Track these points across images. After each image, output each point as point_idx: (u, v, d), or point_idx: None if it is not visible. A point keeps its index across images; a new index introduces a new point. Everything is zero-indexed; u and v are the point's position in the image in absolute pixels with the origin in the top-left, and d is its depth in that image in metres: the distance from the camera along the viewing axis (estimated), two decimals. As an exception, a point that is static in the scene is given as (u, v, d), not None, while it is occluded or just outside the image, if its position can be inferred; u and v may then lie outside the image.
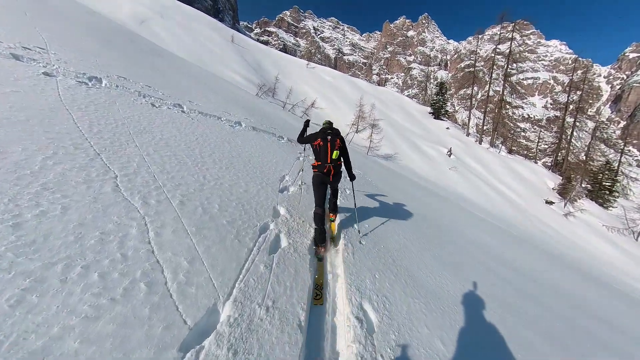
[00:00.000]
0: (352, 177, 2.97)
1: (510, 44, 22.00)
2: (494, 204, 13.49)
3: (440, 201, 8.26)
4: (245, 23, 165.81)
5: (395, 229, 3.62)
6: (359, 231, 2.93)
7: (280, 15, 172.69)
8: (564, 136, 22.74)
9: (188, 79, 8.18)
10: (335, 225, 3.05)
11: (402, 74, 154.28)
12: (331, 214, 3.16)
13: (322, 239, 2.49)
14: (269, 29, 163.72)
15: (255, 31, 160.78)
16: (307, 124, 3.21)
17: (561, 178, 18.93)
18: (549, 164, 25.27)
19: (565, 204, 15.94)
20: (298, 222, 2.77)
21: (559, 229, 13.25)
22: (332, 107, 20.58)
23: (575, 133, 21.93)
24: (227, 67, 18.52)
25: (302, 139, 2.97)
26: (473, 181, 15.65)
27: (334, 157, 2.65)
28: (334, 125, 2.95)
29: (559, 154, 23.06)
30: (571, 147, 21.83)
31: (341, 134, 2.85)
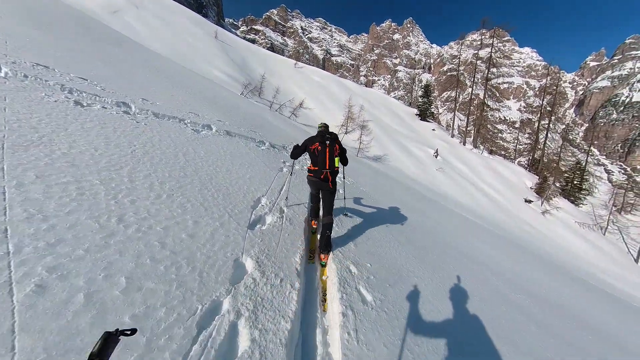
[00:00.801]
0: (344, 162, 2.87)
1: (491, 49, 23.05)
2: (481, 205, 13.87)
3: (439, 211, 8.11)
4: (230, 20, 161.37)
5: (389, 242, 3.35)
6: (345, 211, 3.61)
7: (268, 13, 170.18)
8: (539, 137, 24.20)
9: (150, 73, 7.08)
10: (326, 272, 2.21)
11: (389, 76, 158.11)
12: (322, 255, 2.33)
13: (315, 214, 2.83)
14: (255, 27, 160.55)
15: (241, 29, 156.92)
16: (293, 150, 2.97)
17: (537, 177, 20.06)
18: (524, 164, 26.81)
19: (542, 202, 16.83)
20: (273, 288, 1.70)
21: (539, 228, 13.90)
22: (320, 108, 20.30)
23: (549, 135, 23.40)
24: (210, 64, 17.61)
25: (296, 152, 2.70)
26: (459, 182, 16.05)
27: (335, 164, 2.51)
28: (322, 124, 2.77)
29: (535, 154, 24.50)
30: (545, 148, 23.27)
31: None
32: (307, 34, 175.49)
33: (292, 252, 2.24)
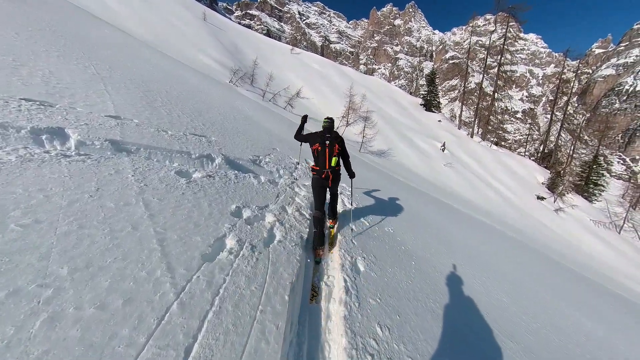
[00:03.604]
0: (351, 175, 2.87)
1: (506, 31, 21.18)
2: (493, 204, 12.84)
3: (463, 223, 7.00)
4: (224, 4, 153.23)
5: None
6: (352, 230, 2.82)
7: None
8: (551, 128, 22.91)
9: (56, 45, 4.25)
10: (334, 232, 2.79)
11: (389, 64, 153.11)
12: (330, 221, 2.87)
13: (320, 242, 2.48)
14: (250, 11, 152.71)
15: (236, 14, 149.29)
16: (305, 119, 3.00)
17: (549, 172, 18.99)
18: (524, 154, 25.65)
19: (555, 199, 15.86)
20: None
21: (553, 227, 12.98)
22: (319, 97, 18.73)
23: (566, 125, 22.07)
24: (196, 49, 15.83)
25: (300, 136, 2.79)
26: (469, 178, 14.94)
27: (332, 164, 2.58)
28: (326, 118, 2.72)
29: (545, 147, 23.29)
30: (560, 141, 22.04)
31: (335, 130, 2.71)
32: (304, 19, 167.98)
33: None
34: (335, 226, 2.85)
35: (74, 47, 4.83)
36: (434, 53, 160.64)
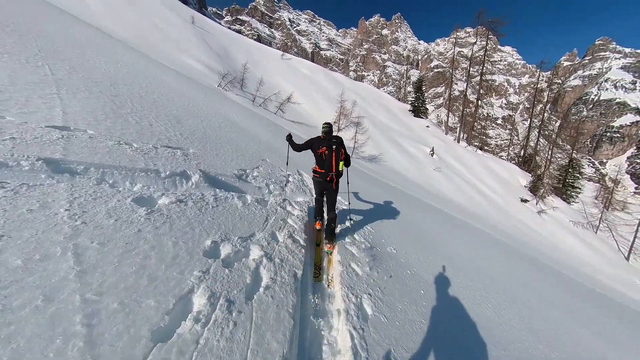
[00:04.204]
0: (347, 164, 2.90)
1: (486, 42, 22.41)
2: (481, 207, 13.17)
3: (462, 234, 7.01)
4: (213, 9, 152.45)
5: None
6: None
7: (254, 3, 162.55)
8: (530, 134, 24.22)
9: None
10: (333, 261, 2.42)
11: (378, 71, 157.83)
12: (328, 245, 2.60)
13: (319, 214, 2.82)
14: (241, 17, 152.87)
15: (225, 19, 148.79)
16: (290, 137, 3.06)
17: (530, 175, 19.94)
18: (505, 158, 26.91)
19: (537, 202, 16.57)
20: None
21: (538, 230, 13.47)
22: (310, 103, 18.71)
23: (539, 132, 23.41)
24: (182, 52, 15.38)
25: (301, 146, 2.90)
26: (457, 183, 15.31)
27: (340, 168, 2.69)
28: (325, 124, 2.84)
29: (525, 152, 24.55)
30: (539, 145, 23.30)
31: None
32: (295, 27, 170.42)
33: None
34: (334, 252, 2.57)
35: (29, 45, 4.15)
36: (419, 62, 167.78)
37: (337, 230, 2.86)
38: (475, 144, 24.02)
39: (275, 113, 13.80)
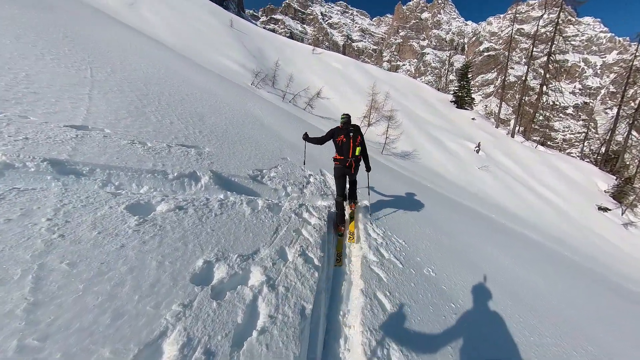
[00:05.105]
0: (368, 169, 3.13)
1: (558, 15, 18.32)
2: (537, 212, 11.10)
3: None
4: (250, 11, 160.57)
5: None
6: (371, 223, 2.95)
7: (287, 1, 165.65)
8: (618, 126, 19.24)
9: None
10: (354, 210, 3.07)
11: (415, 60, 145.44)
12: (351, 204, 3.17)
13: (341, 220, 2.86)
14: (275, 16, 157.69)
15: (261, 19, 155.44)
16: (306, 135, 3.19)
17: (615, 178, 15.92)
18: (576, 156, 21.87)
19: (623, 211, 13.20)
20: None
21: (623, 247, 10.74)
22: (340, 97, 18.26)
23: (637, 122, 18.41)
24: (220, 54, 16.52)
25: (322, 139, 3.06)
26: (508, 183, 13.18)
27: (356, 153, 2.90)
28: (344, 115, 3.04)
29: (609, 148, 19.64)
30: (629, 142, 18.41)
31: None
32: (327, 20, 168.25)
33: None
34: (355, 207, 3.13)
35: (79, 52, 4.37)
36: (465, 45, 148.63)
37: (362, 241, 2.74)
38: (535, 138, 20.25)
39: (305, 109, 13.83)
